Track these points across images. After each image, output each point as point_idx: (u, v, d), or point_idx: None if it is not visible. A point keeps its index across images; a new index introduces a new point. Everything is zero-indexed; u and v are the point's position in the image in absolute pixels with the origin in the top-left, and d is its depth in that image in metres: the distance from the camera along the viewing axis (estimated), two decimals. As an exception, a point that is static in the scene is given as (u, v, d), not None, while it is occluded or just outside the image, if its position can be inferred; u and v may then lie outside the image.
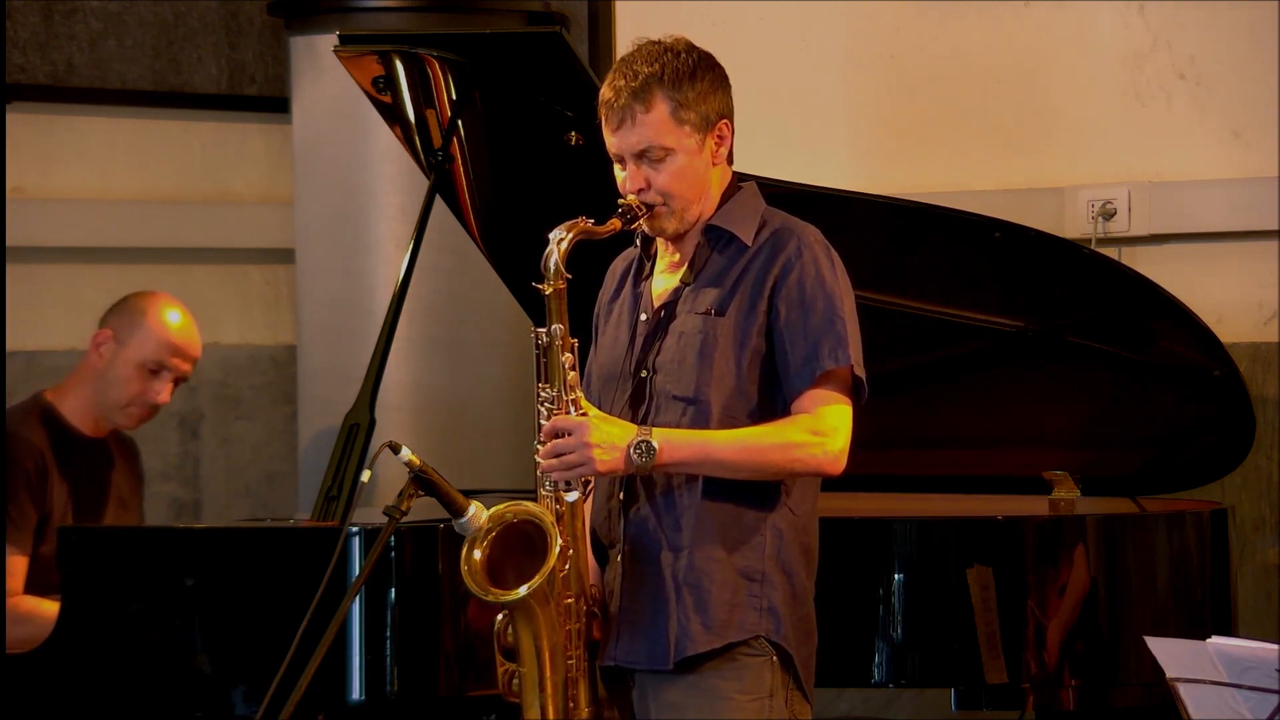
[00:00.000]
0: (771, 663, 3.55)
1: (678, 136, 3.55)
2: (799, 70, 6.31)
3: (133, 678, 4.37)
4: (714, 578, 3.54)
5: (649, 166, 3.56)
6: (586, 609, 3.57)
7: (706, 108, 3.57)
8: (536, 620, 3.51)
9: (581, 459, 3.48)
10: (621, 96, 3.54)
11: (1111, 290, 4.85)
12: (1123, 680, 4.54)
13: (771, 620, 3.55)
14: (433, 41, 4.73)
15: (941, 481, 5.06)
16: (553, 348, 3.52)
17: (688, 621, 3.53)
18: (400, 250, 4.87)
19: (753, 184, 3.70)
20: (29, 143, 6.16)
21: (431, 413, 6.10)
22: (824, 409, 3.54)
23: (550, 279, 3.52)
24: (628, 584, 3.58)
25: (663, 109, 3.54)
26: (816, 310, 3.54)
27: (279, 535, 4.63)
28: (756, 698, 3.54)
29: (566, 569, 3.53)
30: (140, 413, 4.81)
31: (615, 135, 3.58)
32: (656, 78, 3.54)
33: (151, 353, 4.77)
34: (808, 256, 3.57)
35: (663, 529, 3.56)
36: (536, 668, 3.53)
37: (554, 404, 3.53)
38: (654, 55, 3.57)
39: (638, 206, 3.57)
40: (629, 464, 3.48)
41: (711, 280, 3.61)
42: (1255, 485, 5.73)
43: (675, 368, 3.58)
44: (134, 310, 4.81)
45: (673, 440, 3.50)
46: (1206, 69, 5.87)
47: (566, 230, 3.52)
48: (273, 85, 6.55)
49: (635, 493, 3.59)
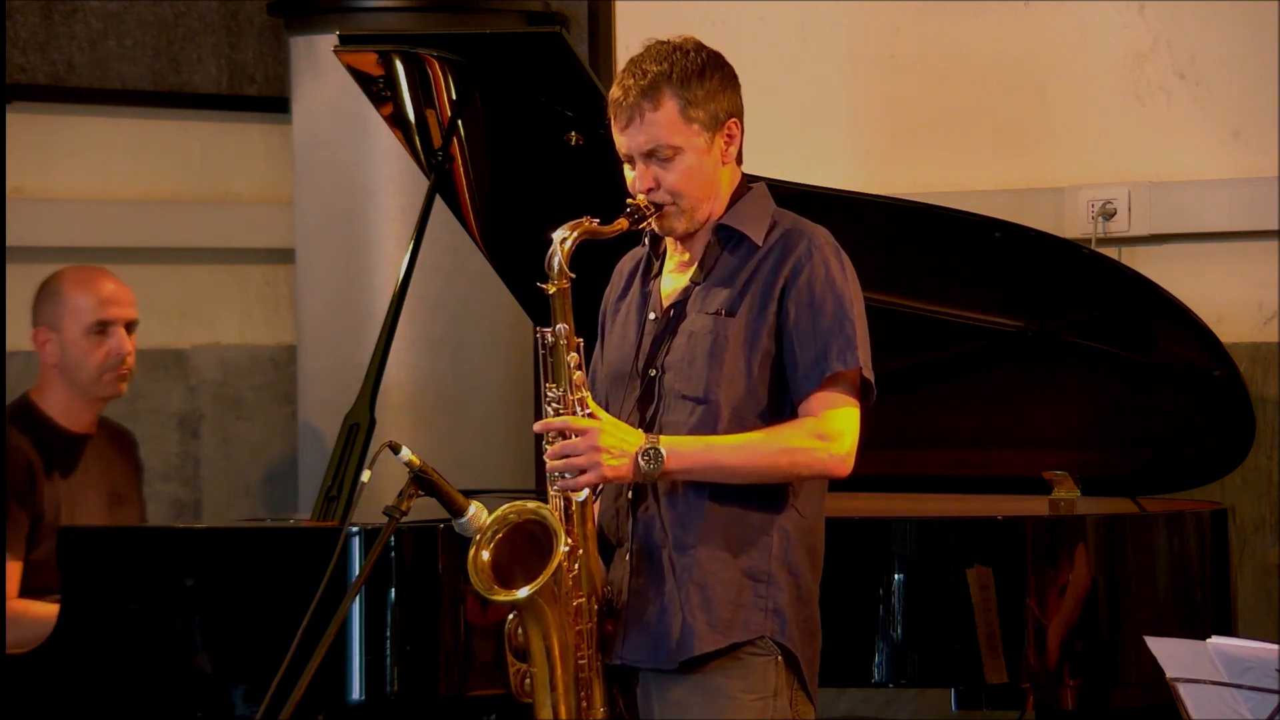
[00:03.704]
0: (776, 662, 3.56)
1: (686, 135, 3.55)
2: (799, 70, 6.31)
3: (133, 678, 4.37)
4: (720, 577, 3.54)
5: (658, 166, 3.56)
6: (598, 609, 3.57)
7: (715, 106, 3.57)
8: (546, 620, 3.51)
9: (589, 463, 3.48)
10: (630, 95, 3.54)
11: (1111, 290, 4.85)
12: (1123, 680, 4.54)
13: (777, 621, 3.56)
14: (433, 41, 4.73)
15: (941, 481, 5.06)
16: (558, 347, 3.52)
17: (693, 620, 3.53)
18: (400, 250, 4.87)
19: (763, 185, 3.71)
20: (29, 143, 6.16)
21: (431, 413, 6.10)
22: (830, 412, 3.54)
23: (554, 278, 3.52)
24: (635, 583, 3.58)
25: (671, 107, 3.54)
26: (826, 312, 3.55)
27: (279, 535, 4.64)
28: (760, 697, 3.55)
29: (576, 569, 3.53)
30: (116, 373, 4.80)
31: (624, 134, 3.58)
32: (665, 76, 3.54)
33: (88, 317, 4.77)
34: (818, 258, 3.57)
35: (670, 528, 3.56)
36: (547, 667, 3.53)
37: (561, 404, 3.52)
38: (663, 54, 3.57)
39: (646, 206, 3.57)
40: (637, 471, 3.49)
41: (722, 280, 3.61)
42: (1255, 485, 5.72)
43: (685, 367, 3.58)
44: (51, 294, 4.82)
45: (679, 448, 3.50)
46: (1206, 69, 5.87)
47: (570, 230, 3.52)
48: (273, 85, 6.55)
49: (644, 492, 3.58)
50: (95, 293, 4.80)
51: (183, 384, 6.46)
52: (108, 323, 4.78)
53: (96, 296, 4.79)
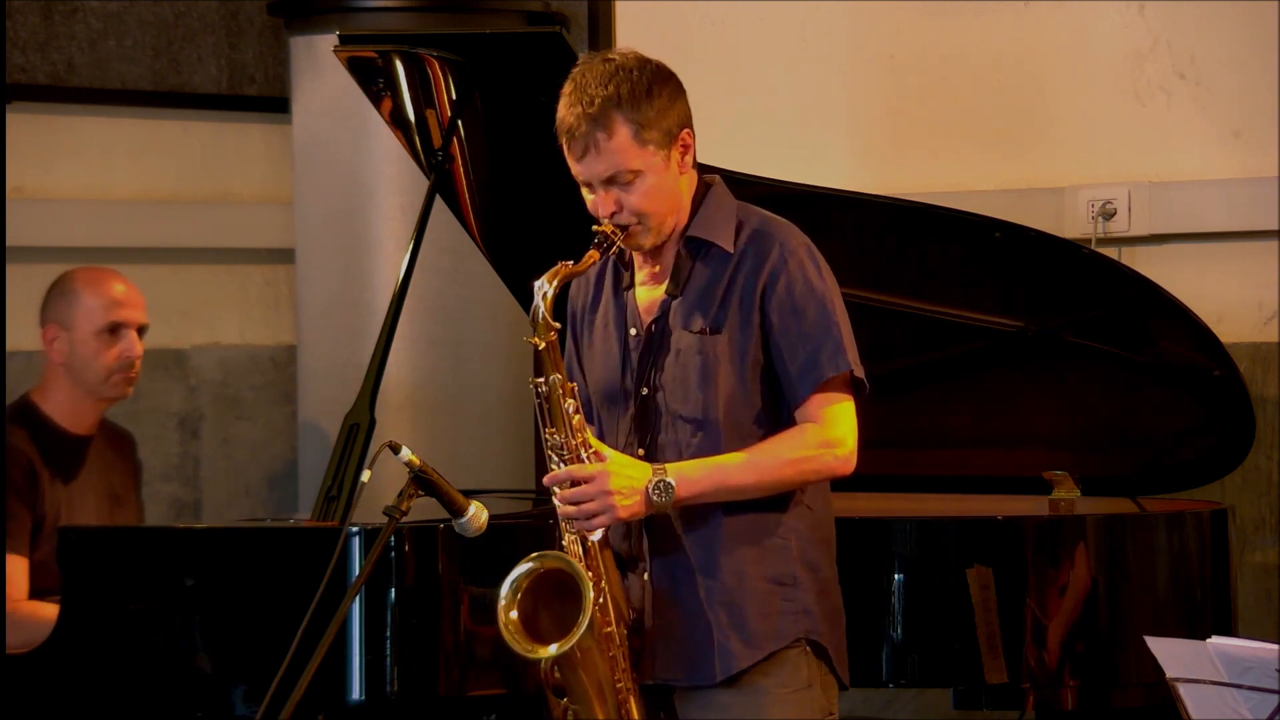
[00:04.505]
0: (806, 654, 3.59)
1: (644, 158, 3.52)
2: (799, 70, 6.31)
3: (133, 677, 4.37)
4: (745, 592, 3.56)
5: (619, 190, 3.54)
6: (626, 633, 3.58)
7: (667, 123, 3.54)
8: (580, 663, 3.52)
9: (602, 507, 3.48)
10: (582, 125, 3.49)
11: (1111, 290, 4.84)
12: (1123, 680, 4.54)
13: (808, 620, 3.59)
14: (433, 41, 4.73)
15: (941, 481, 5.06)
16: (553, 395, 3.52)
17: (727, 641, 3.55)
18: (400, 250, 4.87)
19: (718, 179, 3.68)
20: (29, 143, 6.16)
21: (431, 413, 6.10)
22: (830, 416, 3.55)
23: (540, 333, 3.51)
24: (658, 604, 3.59)
25: (625, 133, 3.50)
26: (809, 317, 3.55)
27: (279, 535, 4.63)
28: (795, 690, 3.58)
29: (603, 600, 3.54)
30: (125, 375, 4.80)
31: (580, 164, 3.54)
32: (613, 102, 3.49)
33: (100, 318, 4.77)
34: (793, 263, 3.56)
35: (687, 547, 3.58)
36: (590, 704, 3.55)
37: (563, 449, 3.52)
38: (606, 76, 3.51)
39: (613, 231, 3.54)
40: (649, 505, 3.50)
41: (699, 295, 3.60)
42: (1255, 485, 5.73)
43: (678, 388, 3.59)
44: (64, 292, 4.81)
45: (687, 475, 3.51)
46: (1206, 69, 5.87)
47: (549, 280, 3.50)
48: (273, 85, 6.55)
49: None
50: (109, 294, 4.79)
51: (183, 384, 6.46)
52: (120, 325, 4.78)
53: (110, 298, 4.79)
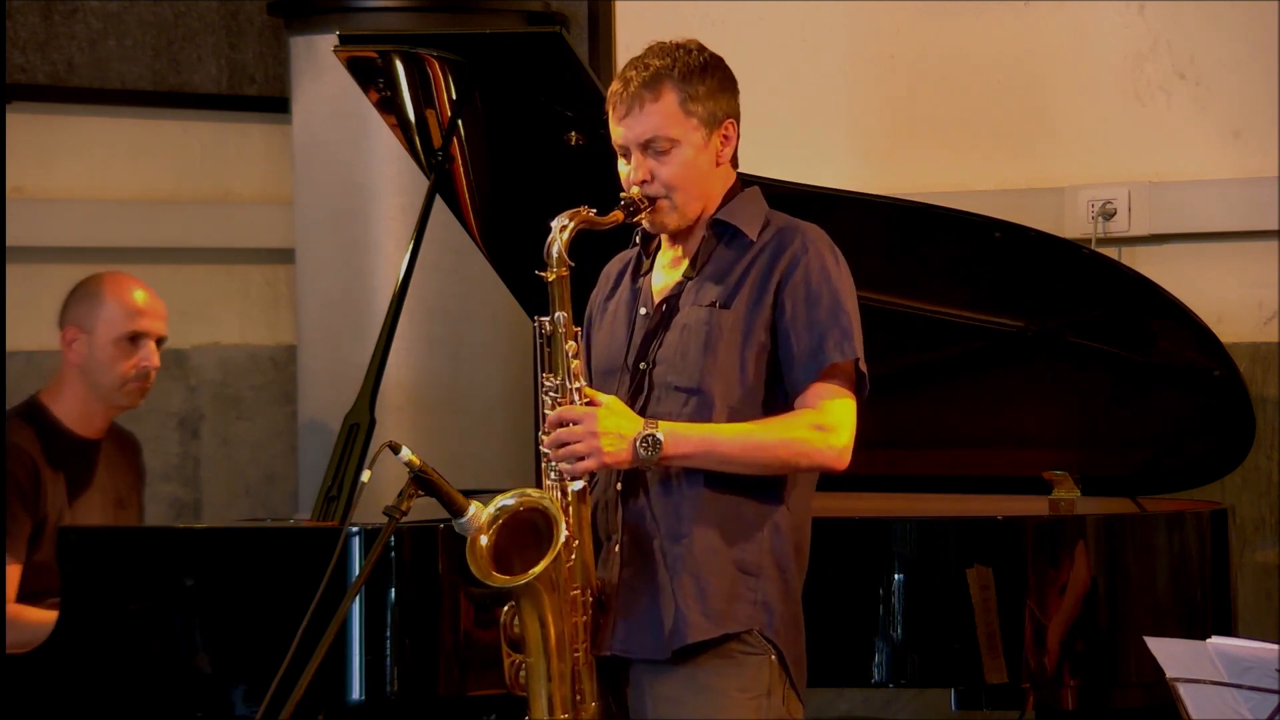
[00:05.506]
0: (769, 661, 3.56)
1: (684, 128, 3.58)
2: (799, 70, 6.31)
3: (133, 678, 4.37)
4: (713, 568, 3.55)
5: (654, 158, 3.59)
6: (591, 601, 3.57)
7: (714, 105, 3.61)
8: (543, 608, 3.51)
9: (588, 449, 3.48)
10: (631, 86, 3.58)
11: (1111, 290, 4.84)
12: (1123, 680, 4.54)
13: (765, 614, 3.56)
14: (433, 41, 4.73)
15: (941, 481, 5.06)
16: (556, 336, 3.53)
17: (687, 610, 3.53)
18: (400, 250, 4.87)
19: (756, 188, 3.73)
20: (29, 143, 6.16)
21: (431, 413, 6.10)
22: (828, 403, 3.55)
23: (553, 266, 3.53)
24: (626, 574, 3.58)
25: (671, 99, 3.57)
26: (822, 305, 3.56)
27: (279, 535, 4.64)
28: (754, 695, 3.55)
29: (573, 560, 3.54)
30: (139, 385, 4.80)
31: (622, 124, 3.60)
32: (667, 70, 3.58)
33: (122, 326, 4.76)
34: (813, 252, 3.59)
35: (663, 519, 3.57)
36: (544, 659, 3.53)
37: (558, 393, 3.53)
38: (666, 51, 3.61)
39: (641, 199, 3.59)
40: (635, 456, 3.49)
41: (716, 274, 3.62)
42: (1255, 485, 5.73)
43: (678, 360, 3.59)
44: (89, 295, 4.80)
45: (678, 434, 3.51)
46: (1206, 69, 5.88)
47: (569, 218, 3.54)
48: (273, 85, 6.55)
49: (634, 483, 3.59)
50: (133, 303, 4.78)
51: (183, 384, 6.46)
52: (140, 334, 4.78)
53: (135, 307, 4.78)
